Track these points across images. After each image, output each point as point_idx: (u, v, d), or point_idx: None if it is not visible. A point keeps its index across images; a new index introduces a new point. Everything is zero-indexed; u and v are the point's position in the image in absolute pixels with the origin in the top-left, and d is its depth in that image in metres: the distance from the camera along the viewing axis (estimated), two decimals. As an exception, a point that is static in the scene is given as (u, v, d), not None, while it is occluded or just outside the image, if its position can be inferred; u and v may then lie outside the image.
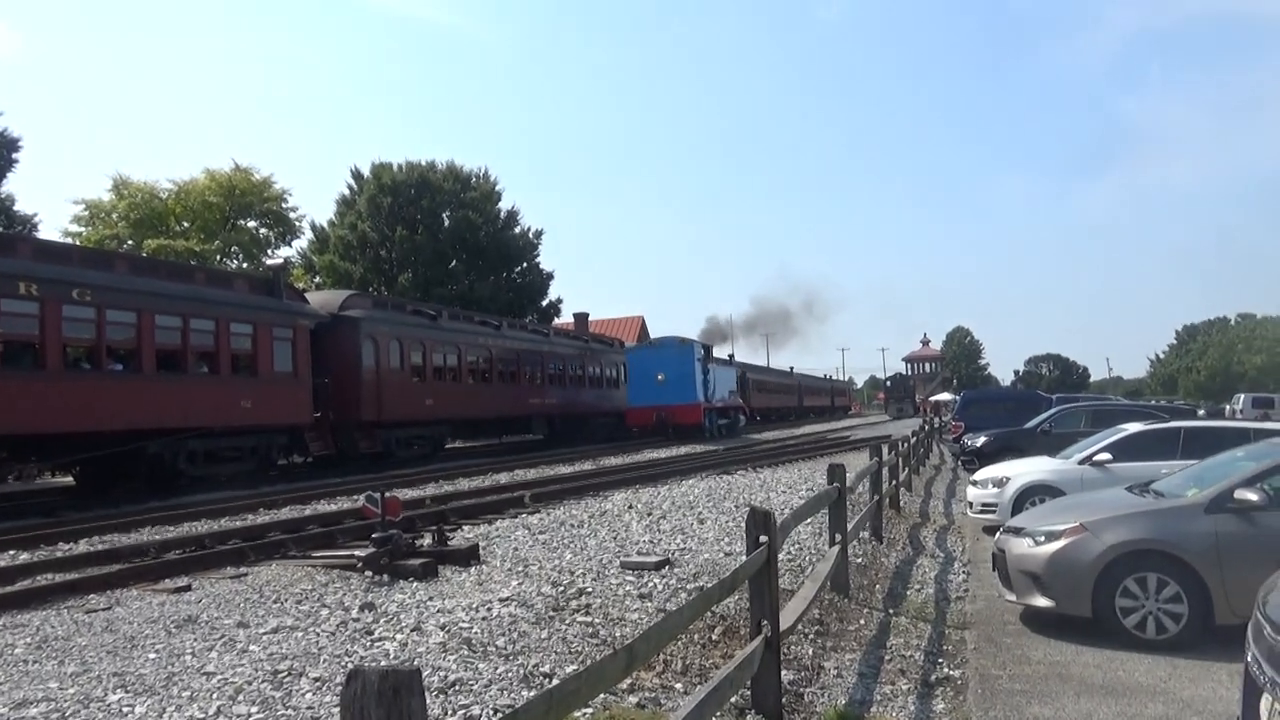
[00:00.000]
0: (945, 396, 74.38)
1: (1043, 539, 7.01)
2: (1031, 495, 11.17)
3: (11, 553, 9.87)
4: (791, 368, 72.66)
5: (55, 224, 55.99)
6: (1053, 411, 18.83)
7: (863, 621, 7.24)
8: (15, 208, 32.46)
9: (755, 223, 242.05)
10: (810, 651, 6.16)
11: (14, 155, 31.05)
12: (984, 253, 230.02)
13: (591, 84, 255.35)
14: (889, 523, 11.92)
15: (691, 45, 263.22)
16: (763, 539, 5.00)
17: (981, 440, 18.03)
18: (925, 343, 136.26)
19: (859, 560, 9.30)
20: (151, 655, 5.44)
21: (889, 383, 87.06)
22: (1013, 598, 7.24)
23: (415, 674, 2.13)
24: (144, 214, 39.30)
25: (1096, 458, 11.27)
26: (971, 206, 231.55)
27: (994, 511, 11.54)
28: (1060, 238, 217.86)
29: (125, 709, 4.44)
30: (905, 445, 17.25)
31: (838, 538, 7.96)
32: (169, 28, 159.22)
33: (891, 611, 7.66)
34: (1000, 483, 11.82)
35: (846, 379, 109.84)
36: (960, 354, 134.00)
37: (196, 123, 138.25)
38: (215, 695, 4.61)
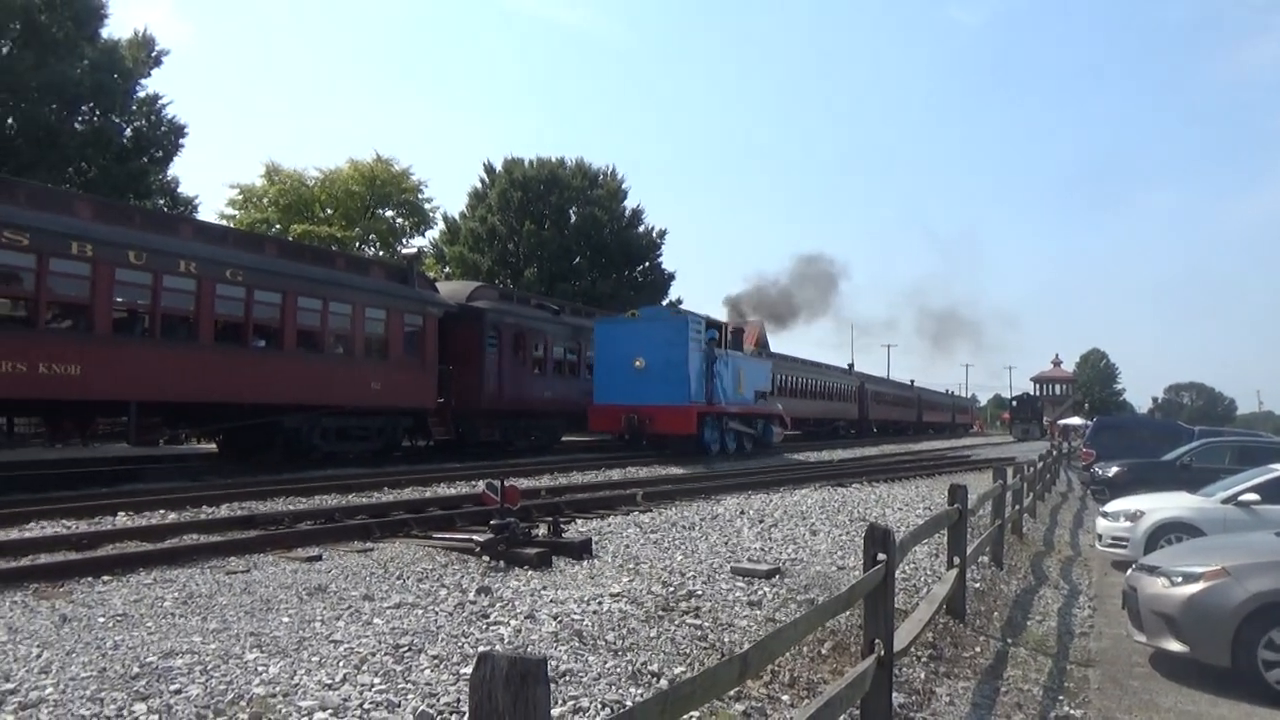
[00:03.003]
0: (1076, 421, 70.99)
1: (1180, 580, 6.63)
2: (1167, 532, 10.57)
3: (161, 512, 10.59)
4: (912, 380, 70.86)
5: (213, 206, 59.63)
6: (1195, 445, 17.72)
7: (978, 649, 7.01)
8: (179, 190, 34.78)
9: (879, 232, 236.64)
10: (923, 675, 6.01)
11: (180, 141, 33.26)
12: (1124, 272, 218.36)
13: (720, 88, 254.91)
14: (1010, 549, 11.50)
15: (821, 50, 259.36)
16: (880, 556, 4.92)
17: (1114, 470, 17.17)
18: (1056, 363, 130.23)
19: (977, 585, 9.01)
20: (285, 619, 5.76)
21: (1015, 402, 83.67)
22: (1143, 639, 6.87)
23: (542, 663, 2.21)
24: (292, 200, 41.53)
25: (1242, 497, 10.55)
26: (1113, 222, 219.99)
27: (1125, 546, 10.97)
28: (1211, 259, 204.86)
29: (260, 668, 4.72)
30: (1031, 469, 16.59)
31: (956, 560, 7.74)
32: (321, 24, 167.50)
33: (1010, 641, 7.39)
34: (1134, 516, 11.23)
35: (969, 395, 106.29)
36: (1094, 377, 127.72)
37: (344, 114, 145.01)
38: (342, 663, 4.84)
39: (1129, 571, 7.46)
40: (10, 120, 28.43)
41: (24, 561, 7.43)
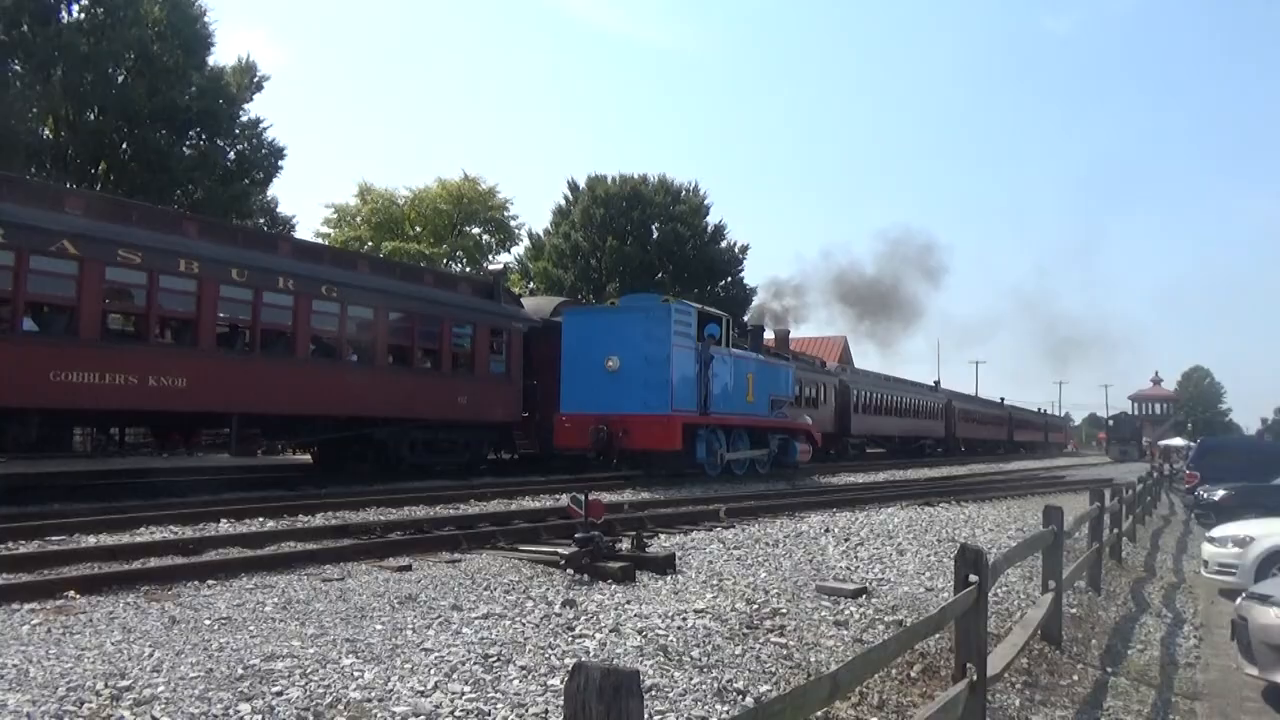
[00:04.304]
0: (1177, 442, 67.98)
1: (1296, 610, 6.30)
2: (1280, 560, 10.05)
3: (260, 520, 11.01)
4: (1002, 398, 68.90)
5: (309, 225, 61.94)
6: (1310, 468, 16.81)
7: (1076, 677, 6.78)
8: (278, 209, 36.21)
9: (972, 242, 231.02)
10: (1017, 703, 5.84)
11: (279, 163, 34.62)
12: (1229, 286, 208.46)
13: (801, 103, 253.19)
14: (1109, 574, 11.08)
15: (909, 64, 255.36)
16: (972, 578, 4.81)
17: (1220, 493, 16.41)
18: (1156, 381, 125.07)
19: (1074, 611, 8.71)
20: (378, 626, 5.92)
21: (1112, 422, 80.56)
22: (1254, 672, 6.54)
23: (635, 675, 2.23)
24: (383, 218, 42.86)
25: (1363, 525, 9.97)
26: (1215, 233, 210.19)
27: (1234, 574, 10.46)
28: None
29: (356, 673, 4.87)
30: (1130, 491, 15.96)
31: (1051, 584, 7.50)
32: (409, 47, 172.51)
33: (1109, 671, 7.12)
34: (1243, 542, 10.69)
35: (1063, 414, 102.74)
36: (1197, 396, 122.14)
37: (432, 134, 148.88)
38: (433, 671, 4.96)
39: (1238, 600, 7.12)
40: (125, 145, 30.03)
41: (135, 565, 7.82)
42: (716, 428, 20.20)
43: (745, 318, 25.25)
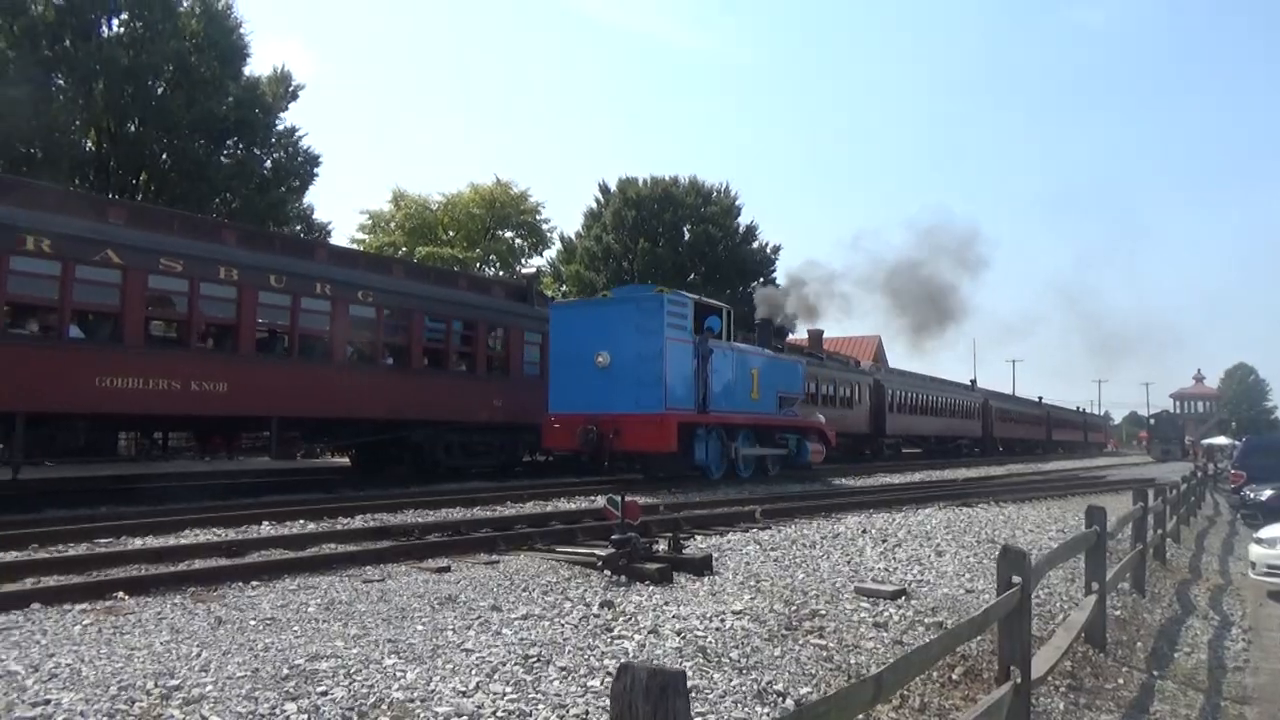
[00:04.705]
0: (1221, 440, 66.66)
1: (1349, 612, 6.17)
2: (1333, 561, 9.83)
3: (301, 522, 11.15)
4: (1040, 397, 67.99)
5: (345, 232, 62.60)
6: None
7: (1121, 681, 6.68)
8: (314, 216, 36.68)
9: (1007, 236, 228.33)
10: (1061, 706, 5.77)
11: (315, 170, 35.09)
12: (1273, 281, 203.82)
13: (828, 102, 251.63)
14: (1153, 576, 10.90)
15: (932, 61, 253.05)
16: (1015, 579, 4.77)
17: (1268, 493, 16.12)
18: (1199, 379, 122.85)
19: (1118, 613, 8.58)
20: (419, 627, 5.98)
21: (1154, 420, 79.23)
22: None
23: (681, 675, 2.25)
24: (417, 223, 43.26)
25: None
26: (1260, 228, 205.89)
27: (1283, 575, 10.26)
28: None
29: (398, 673, 4.92)
30: (1174, 491, 15.69)
31: (1095, 586, 7.39)
32: (441, 54, 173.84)
33: (1156, 674, 7.01)
34: (1293, 543, 10.49)
35: (1102, 413, 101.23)
36: (1241, 394, 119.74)
37: (465, 139, 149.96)
38: (474, 671, 5.00)
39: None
40: (164, 155, 30.59)
41: (181, 566, 7.96)
42: (717, 427, 19.02)
43: (776, 318, 24.13)
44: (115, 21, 29.27)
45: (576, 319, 18.50)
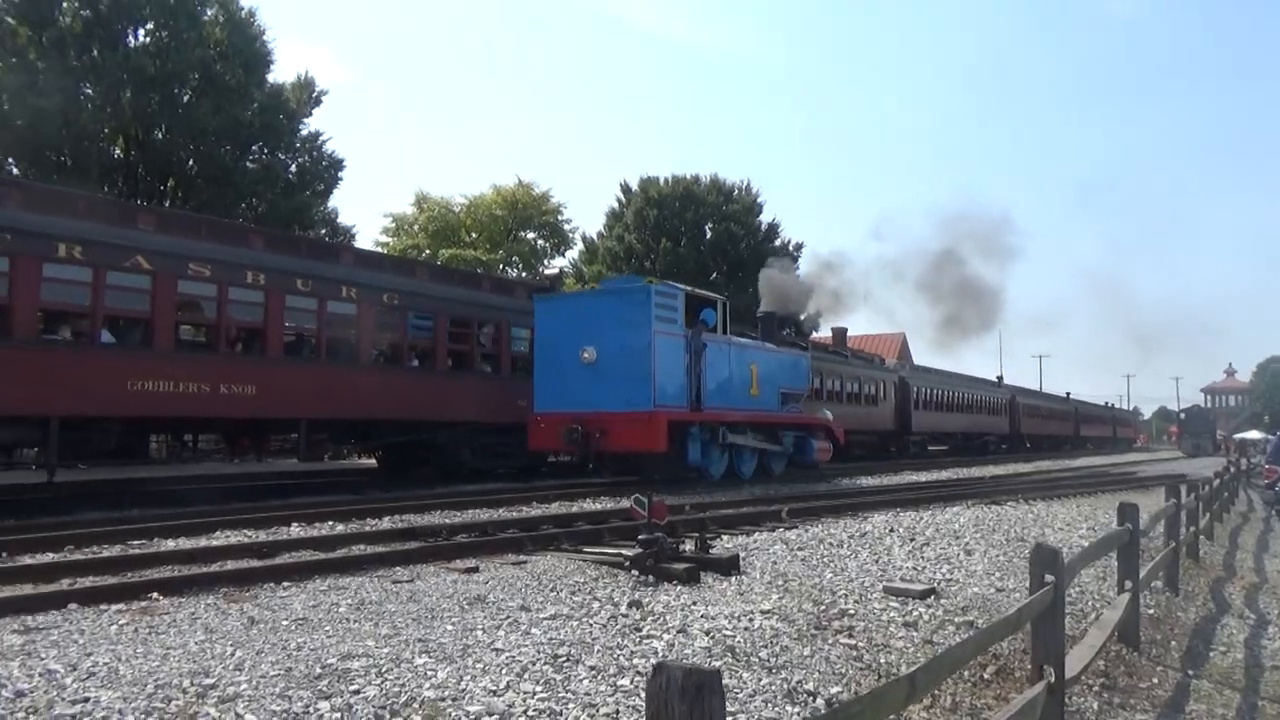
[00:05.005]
0: (1254, 435, 65.68)
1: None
2: (1371, 557, 9.65)
3: (330, 523, 11.25)
4: (1068, 393, 67.29)
5: (368, 234, 63.10)
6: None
7: (1155, 680, 6.60)
8: (339, 220, 36.99)
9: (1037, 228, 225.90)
10: (1095, 705, 5.71)
11: (339, 175, 35.38)
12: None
13: (850, 97, 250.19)
14: (1186, 574, 10.76)
15: (963, 58, 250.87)
16: (1048, 578, 4.73)
17: (1304, 489, 15.80)
18: (1230, 373, 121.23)
19: (1151, 612, 8.48)
20: (449, 627, 6.01)
21: (1184, 415, 78.10)
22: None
23: (716, 674, 2.24)
24: (440, 226, 43.54)
25: None
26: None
27: (1321, 572, 10.08)
28: None
29: (430, 672, 4.95)
30: (1206, 487, 15.48)
31: (1128, 584, 7.31)
32: (462, 57, 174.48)
33: (1191, 673, 6.92)
34: (1330, 540, 10.31)
35: (1131, 408, 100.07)
36: (1273, 388, 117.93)
37: (486, 140, 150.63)
38: (504, 670, 5.02)
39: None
40: (191, 162, 30.97)
41: (213, 567, 8.05)
42: (713, 425, 18.04)
43: (790, 310, 23.60)
44: (141, 31, 29.67)
45: (561, 312, 17.74)
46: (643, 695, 4.73)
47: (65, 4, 27.85)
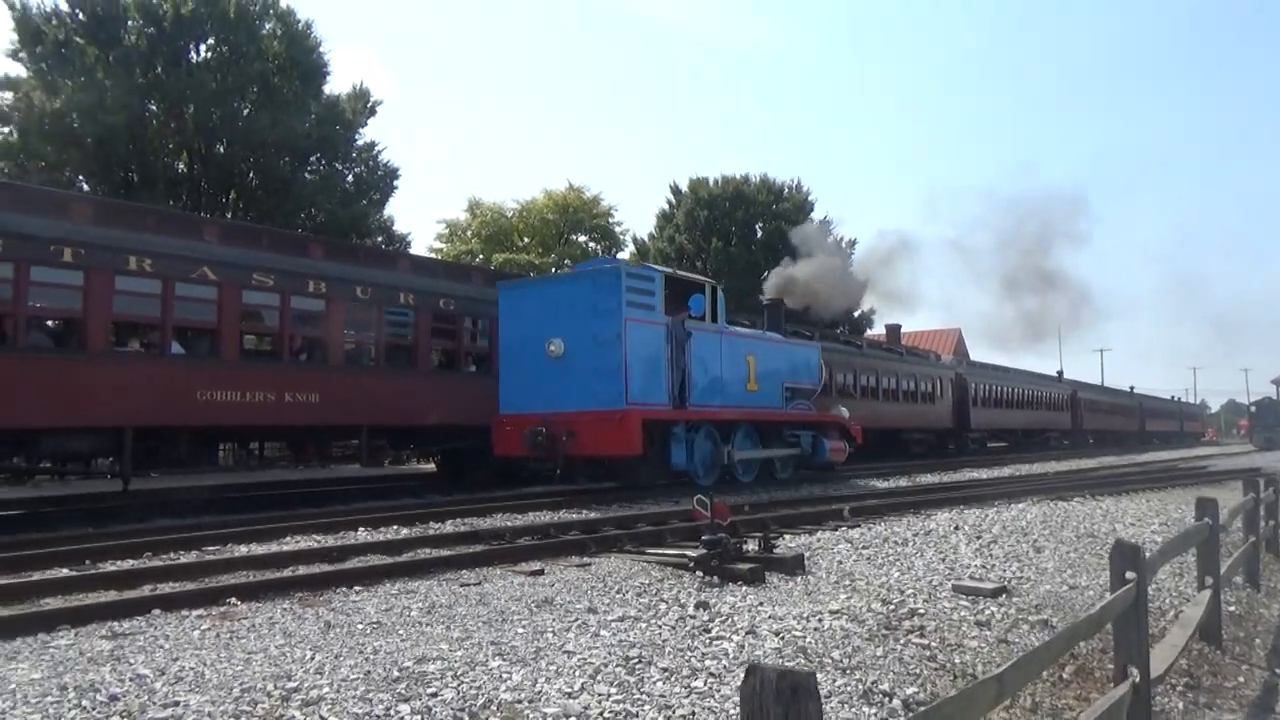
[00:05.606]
0: (1331, 426, 63.21)
1: None
2: None
3: (395, 527, 11.42)
4: (1132, 387, 65.63)
5: (423, 240, 63.99)
6: None
7: (1241, 679, 6.40)
8: (395, 228, 37.60)
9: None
10: (1180, 705, 5.56)
11: (394, 183, 35.95)
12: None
13: (899, 96, 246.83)
14: (1266, 569, 10.41)
15: (995, 51, 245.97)
16: (1130, 575, 4.61)
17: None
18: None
19: (1232, 609, 8.23)
20: (519, 629, 6.07)
21: (1254, 408, 75.53)
22: None
23: (811, 676, 2.23)
24: (493, 231, 44.02)
25: None
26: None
27: None
28: None
29: (504, 675, 5.00)
30: (1285, 481, 14.94)
31: (1208, 581, 7.11)
32: (512, 62, 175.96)
33: (1278, 671, 6.70)
34: None
35: (1198, 401, 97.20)
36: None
37: (539, 147, 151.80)
38: (577, 673, 5.05)
39: None
40: (251, 174, 31.73)
41: (287, 572, 8.22)
42: (701, 424, 16.20)
43: (858, 311, 22.78)
44: (203, 47, 30.47)
45: (526, 301, 15.67)
46: (716, 697, 4.74)
47: (130, 22, 28.71)
